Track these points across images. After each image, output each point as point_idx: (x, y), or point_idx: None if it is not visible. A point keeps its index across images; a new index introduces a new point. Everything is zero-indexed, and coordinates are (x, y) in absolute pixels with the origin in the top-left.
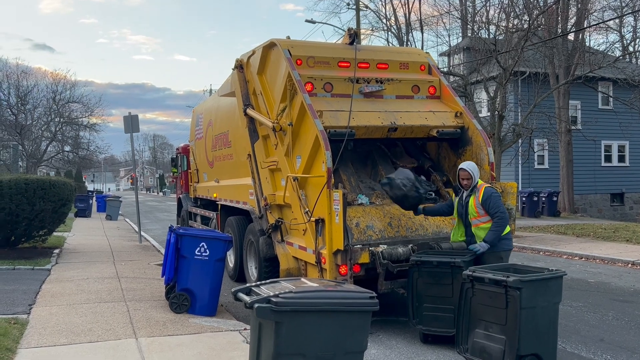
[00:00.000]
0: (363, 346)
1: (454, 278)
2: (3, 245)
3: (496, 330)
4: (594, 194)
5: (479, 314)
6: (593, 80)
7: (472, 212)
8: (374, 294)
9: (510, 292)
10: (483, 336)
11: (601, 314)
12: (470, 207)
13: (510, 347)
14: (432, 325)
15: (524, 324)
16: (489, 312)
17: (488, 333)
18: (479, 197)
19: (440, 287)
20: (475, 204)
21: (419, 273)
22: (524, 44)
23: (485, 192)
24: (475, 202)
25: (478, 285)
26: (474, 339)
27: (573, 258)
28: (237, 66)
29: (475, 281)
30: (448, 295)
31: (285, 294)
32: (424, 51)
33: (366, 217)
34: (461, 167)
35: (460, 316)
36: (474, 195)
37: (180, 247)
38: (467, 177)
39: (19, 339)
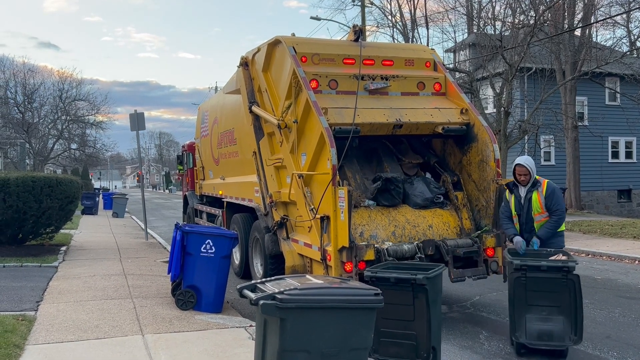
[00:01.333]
0: (368, 343)
1: (416, 298)
2: (11, 243)
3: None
4: (600, 191)
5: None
6: (600, 76)
7: (537, 208)
8: (378, 290)
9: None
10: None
11: (608, 311)
12: (534, 202)
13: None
14: (391, 354)
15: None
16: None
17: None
18: (542, 191)
19: (399, 309)
20: (540, 199)
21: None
22: (530, 40)
23: (548, 187)
24: (540, 197)
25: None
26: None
27: (579, 255)
28: (242, 64)
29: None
30: (409, 318)
31: (291, 291)
32: (429, 47)
33: (371, 224)
34: (518, 162)
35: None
36: (537, 190)
37: (186, 244)
38: (524, 173)
39: (26, 336)
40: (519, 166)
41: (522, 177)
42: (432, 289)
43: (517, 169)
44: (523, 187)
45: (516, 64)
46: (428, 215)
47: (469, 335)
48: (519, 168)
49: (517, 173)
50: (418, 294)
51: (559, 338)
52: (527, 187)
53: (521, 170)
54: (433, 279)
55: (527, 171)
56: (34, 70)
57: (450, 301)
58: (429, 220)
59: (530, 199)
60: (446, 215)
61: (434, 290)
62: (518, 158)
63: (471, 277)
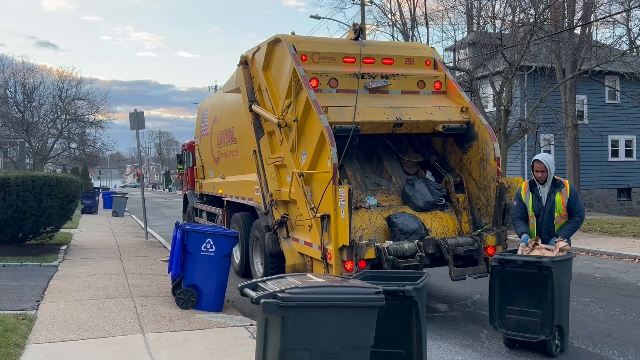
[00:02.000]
0: (369, 341)
1: (402, 310)
2: (11, 242)
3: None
4: (600, 189)
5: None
6: (600, 75)
7: (560, 209)
8: (379, 289)
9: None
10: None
11: (608, 309)
12: (558, 203)
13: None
14: None
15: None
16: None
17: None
18: (566, 193)
19: (385, 323)
20: (563, 200)
21: None
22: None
23: (572, 189)
24: (564, 198)
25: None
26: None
27: (580, 253)
28: (242, 62)
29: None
30: (397, 335)
31: (292, 289)
32: (429, 46)
33: (371, 228)
34: (536, 158)
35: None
36: (560, 191)
37: (187, 243)
38: (542, 170)
39: (27, 335)
40: (537, 162)
41: (539, 174)
42: (420, 300)
43: (535, 164)
44: (542, 186)
45: (516, 63)
46: (428, 218)
47: (470, 334)
48: (536, 164)
49: (534, 169)
50: (406, 305)
51: (534, 331)
52: (547, 187)
53: (539, 167)
54: (421, 290)
55: (545, 168)
56: (34, 70)
57: (450, 300)
58: (428, 223)
59: (554, 200)
60: (446, 218)
61: (421, 301)
62: (537, 155)
63: (472, 276)
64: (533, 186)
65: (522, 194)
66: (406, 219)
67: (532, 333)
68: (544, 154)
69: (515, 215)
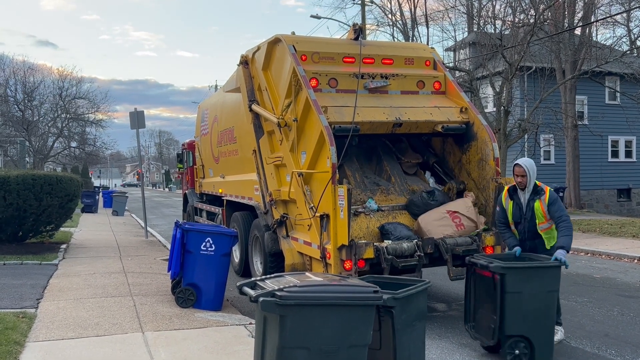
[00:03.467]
0: (367, 340)
1: (382, 322)
2: (11, 241)
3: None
4: (600, 190)
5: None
6: (600, 75)
7: (541, 217)
8: (377, 288)
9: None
10: None
11: (606, 309)
12: (537, 211)
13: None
14: None
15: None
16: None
17: None
18: (545, 199)
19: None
20: (543, 208)
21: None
22: (530, 39)
23: (551, 195)
24: (543, 206)
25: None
26: None
27: (579, 253)
28: (242, 62)
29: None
30: (375, 347)
31: (290, 288)
32: (429, 46)
33: (368, 236)
34: (517, 162)
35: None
36: (540, 199)
37: (186, 242)
38: (522, 174)
39: (27, 333)
40: (517, 166)
41: (519, 179)
42: (402, 312)
43: (516, 169)
44: (522, 192)
45: (516, 63)
46: None
47: (468, 333)
48: (517, 168)
49: (514, 173)
50: (384, 316)
51: (487, 335)
52: (527, 194)
53: (519, 171)
54: (403, 300)
55: (524, 172)
56: (34, 69)
57: (449, 299)
58: None
59: (534, 208)
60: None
61: (405, 313)
62: (518, 159)
63: None
64: (514, 193)
65: (502, 200)
66: (397, 228)
67: (486, 338)
68: (526, 158)
69: (500, 221)
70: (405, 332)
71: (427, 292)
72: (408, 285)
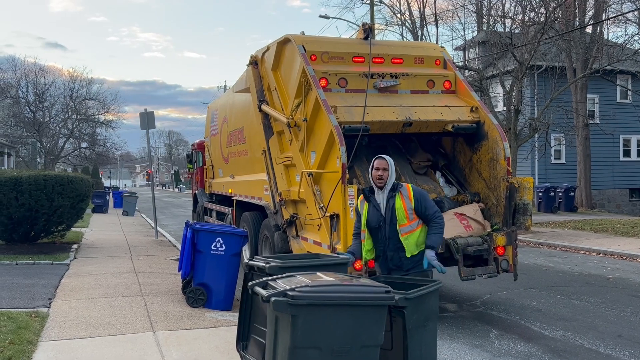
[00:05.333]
0: (379, 340)
1: (394, 322)
2: (23, 241)
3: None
4: (612, 189)
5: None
6: (611, 74)
7: (402, 218)
8: (389, 288)
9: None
10: None
11: (619, 310)
12: (398, 210)
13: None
14: None
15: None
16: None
17: None
18: (409, 197)
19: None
20: (405, 205)
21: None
22: (540, 38)
23: (416, 191)
24: (405, 203)
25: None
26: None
27: (590, 254)
28: (251, 62)
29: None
30: (386, 347)
31: (302, 288)
32: (439, 45)
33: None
34: (379, 155)
35: None
36: (400, 196)
37: (197, 242)
38: (383, 167)
39: (40, 332)
40: (379, 159)
41: (379, 172)
42: (414, 312)
43: (377, 162)
44: (380, 191)
45: (526, 62)
46: None
47: (479, 334)
48: (378, 161)
49: (374, 168)
50: (396, 317)
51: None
52: (385, 192)
53: (379, 164)
54: (415, 301)
55: (387, 165)
56: (45, 70)
57: (460, 300)
58: None
59: (394, 206)
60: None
61: (416, 314)
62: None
63: (481, 276)
64: (370, 194)
65: (357, 205)
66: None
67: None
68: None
69: (354, 232)
70: (416, 333)
71: (438, 293)
72: (419, 285)
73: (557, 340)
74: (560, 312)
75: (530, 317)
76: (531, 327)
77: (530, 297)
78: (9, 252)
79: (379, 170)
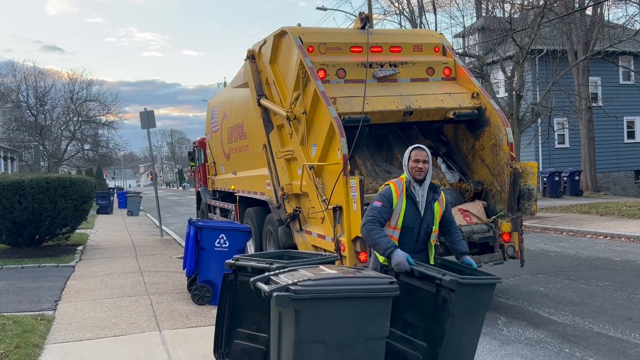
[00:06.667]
0: (384, 332)
1: (438, 303)
2: (28, 244)
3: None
4: (617, 172)
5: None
6: (613, 55)
7: (437, 223)
8: (393, 279)
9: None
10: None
11: (628, 293)
12: (436, 215)
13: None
14: None
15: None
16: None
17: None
18: (443, 203)
19: (417, 309)
20: (441, 212)
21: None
22: (540, 21)
23: (447, 199)
24: (442, 210)
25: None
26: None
27: (597, 237)
28: (249, 56)
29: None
30: (424, 326)
31: (304, 282)
32: (437, 32)
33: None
34: (417, 145)
35: None
36: (439, 201)
37: (200, 239)
38: (424, 159)
39: (45, 335)
40: (417, 149)
41: (419, 164)
42: (462, 299)
43: (414, 152)
44: (419, 187)
45: (527, 46)
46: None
47: (487, 321)
48: (417, 152)
49: (411, 160)
50: (441, 298)
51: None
52: (425, 189)
53: (420, 155)
54: (467, 287)
55: (427, 157)
56: (44, 73)
57: None
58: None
59: (434, 210)
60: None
61: (464, 301)
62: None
63: (488, 263)
64: (409, 187)
65: (393, 195)
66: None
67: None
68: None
69: (375, 220)
70: (460, 322)
71: (494, 289)
72: (477, 275)
73: (566, 325)
74: (569, 296)
75: (539, 302)
76: (539, 312)
77: (538, 282)
78: (14, 256)
79: (418, 162)
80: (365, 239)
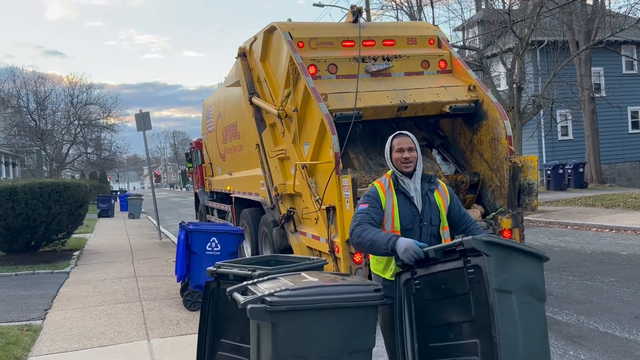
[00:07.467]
0: (370, 344)
1: (471, 280)
2: (24, 250)
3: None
4: (622, 163)
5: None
6: (615, 44)
7: (444, 219)
8: (379, 286)
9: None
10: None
11: (635, 289)
12: (441, 208)
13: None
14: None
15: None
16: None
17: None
18: (445, 192)
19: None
20: (444, 204)
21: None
22: (539, 11)
23: (450, 189)
24: (444, 201)
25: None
26: None
27: (603, 230)
28: (240, 54)
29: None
30: (466, 318)
31: (281, 292)
32: (432, 24)
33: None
34: (399, 132)
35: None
36: (439, 190)
37: (191, 243)
38: (409, 146)
39: (30, 347)
40: (400, 136)
41: (404, 153)
42: (501, 269)
43: (396, 140)
44: (409, 180)
45: (527, 37)
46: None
47: None
48: (399, 139)
49: (395, 150)
50: (472, 270)
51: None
52: (417, 182)
53: (403, 142)
54: (502, 251)
55: (412, 143)
56: (44, 78)
57: None
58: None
59: (435, 203)
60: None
61: (506, 273)
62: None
63: None
64: (397, 182)
65: (380, 193)
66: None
67: None
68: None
69: (362, 221)
70: (509, 300)
71: (543, 271)
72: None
73: (571, 325)
74: (573, 294)
75: None
76: None
77: None
78: (9, 262)
79: (403, 151)
80: (359, 246)
